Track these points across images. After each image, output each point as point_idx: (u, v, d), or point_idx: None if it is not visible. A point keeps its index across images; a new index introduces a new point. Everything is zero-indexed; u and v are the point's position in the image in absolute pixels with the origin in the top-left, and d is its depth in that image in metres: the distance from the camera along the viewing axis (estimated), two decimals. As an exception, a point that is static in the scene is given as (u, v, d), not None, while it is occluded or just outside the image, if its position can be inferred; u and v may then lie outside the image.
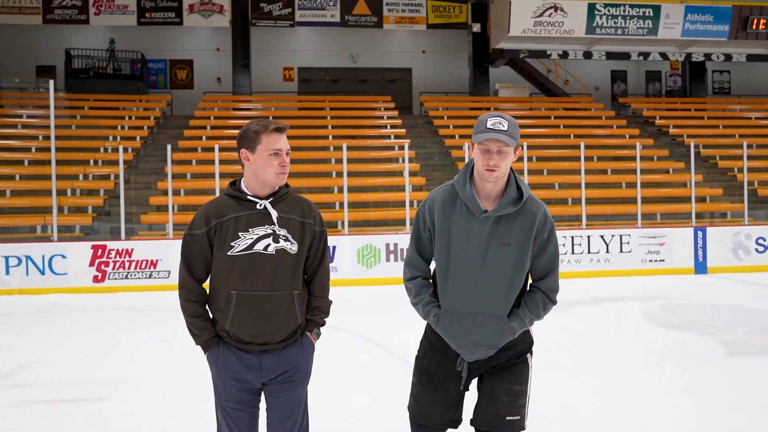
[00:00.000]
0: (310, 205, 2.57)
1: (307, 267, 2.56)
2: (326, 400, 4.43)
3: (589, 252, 11.46)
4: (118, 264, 10.21)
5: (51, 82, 10.68)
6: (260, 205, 2.45)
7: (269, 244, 2.42)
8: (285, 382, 2.48)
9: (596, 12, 17.21)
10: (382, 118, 17.85)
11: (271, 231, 2.43)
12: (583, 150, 12.51)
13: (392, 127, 17.32)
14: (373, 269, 10.93)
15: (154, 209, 12.94)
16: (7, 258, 10.03)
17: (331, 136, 16.30)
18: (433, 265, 2.57)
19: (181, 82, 21.58)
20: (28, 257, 10.08)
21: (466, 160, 10.99)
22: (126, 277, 10.21)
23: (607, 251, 11.50)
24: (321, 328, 2.60)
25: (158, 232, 12.00)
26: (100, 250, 10.21)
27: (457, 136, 16.72)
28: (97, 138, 15.34)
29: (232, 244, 2.40)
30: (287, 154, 2.47)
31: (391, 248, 11.04)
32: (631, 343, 6.25)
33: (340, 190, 12.62)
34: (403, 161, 13.13)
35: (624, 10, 17.40)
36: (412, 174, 13.73)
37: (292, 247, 2.45)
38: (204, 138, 15.85)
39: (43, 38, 19.94)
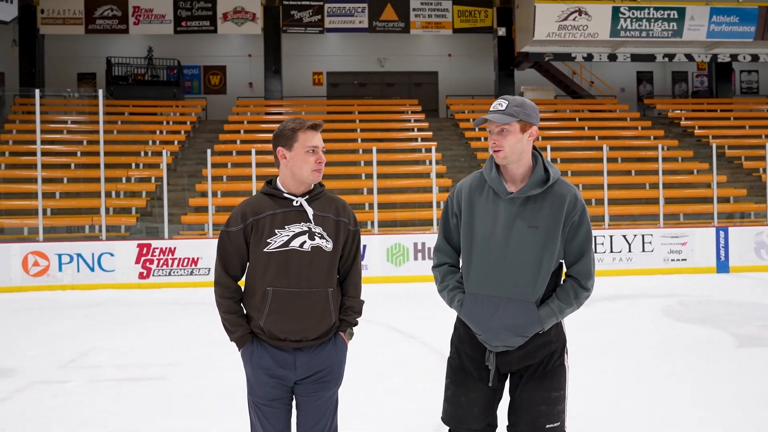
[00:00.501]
0: (344, 204, 2.58)
1: (341, 266, 2.56)
2: (362, 381, 4.92)
3: (611, 251, 11.78)
4: (161, 262, 10.87)
5: (100, 91, 11.36)
6: (296, 202, 2.47)
7: (305, 241, 2.43)
8: (318, 382, 2.48)
9: (620, 15, 17.45)
10: (409, 121, 18.33)
11: (307, 228, 2.44)
12: (606, 152, 12.84)
13: (419, 129, 17.79)
14: (402, 267, 11.42)
15: (193, 210, 13.61)
16: (60, 256, 10.75)
17: (360, 140, 16.84)
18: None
19: (215, 88, 22.33)
20: (79, 255, 10.80)
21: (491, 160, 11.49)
22: (169, 274, 10.86)
23: (630, 251, 11.81)
24: (354, 328, 2.59)
25: (197, 232, 12.64)
26: (145, 249, 10.88)
27: (482, 138, 17.11)
28: (137, 143, 16.11)
29: (268, 240, 2.42)
30: (323, 151, 2.50)
31: (419, 247, 11.52)
32: (644, 334, 6.63)
33: (370, 191, 13.14)
34: (430, 163, 13.59)
35: (648, 13, 17.60)
36: (438, 175, 14.18)
37: (328, 245, 2.46)
38: (238, 142, 16.51)
39: (85, 47, 20.84)
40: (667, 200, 14.39)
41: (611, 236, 11.84)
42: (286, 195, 2.47)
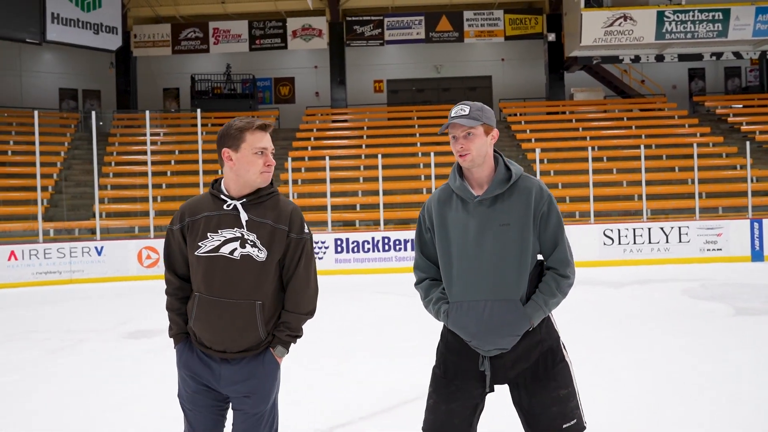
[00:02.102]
0: (290, 211, 2.38)
1: (283, 276, 2.39)
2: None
3: (649, 242, 12.93)
4: (251, 254, 12.76)
5: (198, 111, 13.39)
6: (229, 205, 2.32)
7: (236, 248, 2.28)
8: (243, 397, 2.35)
9: (665, 19, 18.31)
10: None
11: (240, 234, 2.29)
12: (644, 150, 13.99)
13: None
14: (458, 258, 12.93)
15: (273, 210, 15.52)
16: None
17: (419, 143, 18.41)
18: None
19: (285, 97, 24.36)
20: (183, 249, 12.82)
21: (537, 160, 12.83)
22: (258, 265, 12.75)
23: (667, 241, 12.92)
24: (291, 346, 2.41)
25: (279, 229, 14.52)
26: (237, 243, 12.80)
27: (533, 140, 18.39)
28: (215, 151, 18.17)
29: (200, 244, 2.30)
30: (272, 153, 2.37)
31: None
32: (654, 307, 7.93)
33: (429, 191, 14.69)
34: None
35: (693, 15, 18.38)
36: (491, 176, 15.62)
37: (260, 254, 2.29)
38: (309, 148, 18.39)
39: (170, 65, 23.25)
40: (708, 194, 15.34)
41: (649, 228, 12.98)
42: (223, 197, 2.34)
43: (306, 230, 2.41)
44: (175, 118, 21.66)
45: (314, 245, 3.03)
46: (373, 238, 13.02)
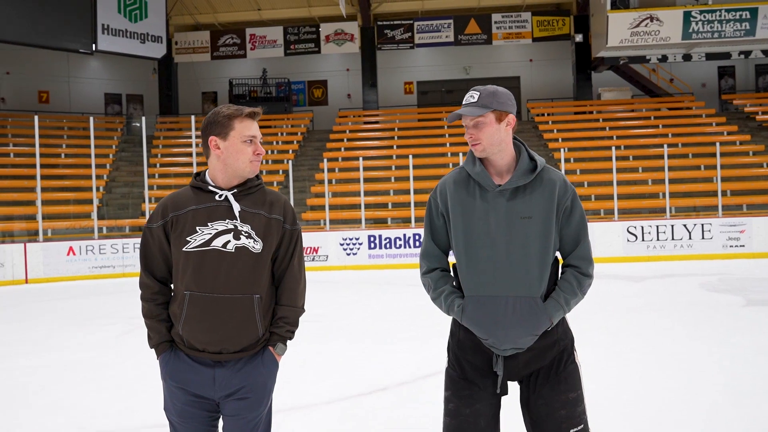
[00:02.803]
0: (282, 200, 2.30)
1: (275, 269, 2.29)
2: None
3: (672, 239, 13.32)
4: (290, 250, 13.56)
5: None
6: (220, 196, 2.20)
7: (229, 241, 2.18)
8: (239, 399, 2.21)
9: (692, 19, 18.55)
10: (492, 125, 20.28)
11: (233, 226, 2.19)
12: (667, 149, 14.36)
13: (501, 133, 19.70)
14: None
15: (309, 208, 16.29)
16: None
17: (448, 143, 19.00)
18: (451, 258, 2.33)
19: (318, 100, 25.17)
20: (226, 245, 13.68)
21: (563, 159, 13.36)
22: (296, 260, 13.54)
23: (690, 238, 13.30)
24: (288, 342, 2.30)
25: (316, 226, 15.28)
26: (276, 240, 13.61)
27: (560, 139, 18.82)
28: (258, 152, 19.05)
29: (188, 239, 2.18)
30: (260, 142, 2.27)
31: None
32: (669, 298, 8.41)
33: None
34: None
35: (720, 15, 18.59)
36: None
37: (256, 246, 2.19)
38: (343, 149, 19.13)
39: (209, 70, 24.25)
40: (733, 192, 15.61)
41: (672, 225, 13.37)
42: (211, 188, 2.22)
43: (298, 222, 2.32)
44: (200, 121, 22.60)
45: (347, 241, 3.36)
46: (404, 235, 13.69)
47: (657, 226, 13.40)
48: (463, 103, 2.24)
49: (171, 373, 2.23)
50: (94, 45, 16.86)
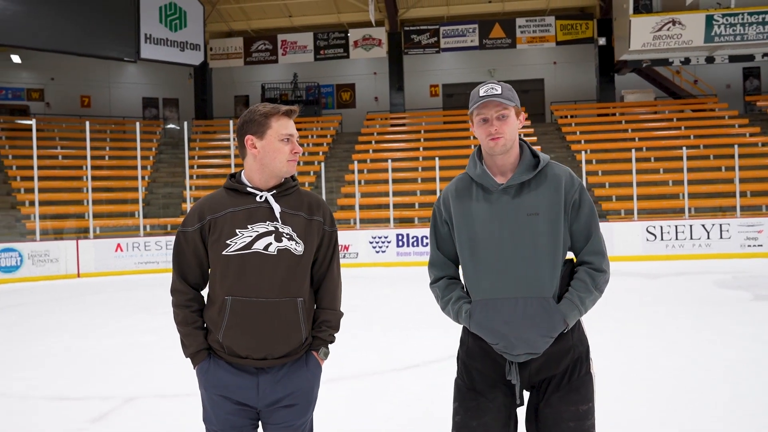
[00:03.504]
0: (319, 201, 2.26)
1: (314, 272, 2.24)
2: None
3: (691, 238, 13.76)
4: (322, 248, 14.32)
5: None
6: (261, 197, 2.16)
7: (270, 243, 2.12)
8: (285, 407, 2.16)
9: (714, 22, 18.86)
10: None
11: (274, 228, 2.13)
12: (686, 151, 14.79)
13: (525, 135, 20.26)
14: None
15: (339, 208, 17.06)
16: (249, 243, 14.54)
17: (473, 146, 19.60)
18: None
19: (346, 102, 25.94)
20: (262, 243, 14.51)
21: (584, 160, 13.90)
22: (328, 257, 14.30)
23: (708, 237, 13.73)
24: (330, 346, 2.27)
25: (346, 225, 16.03)
26: (309, 238, 14.39)
27: (582, 141, 19.29)
28: (290, 154, 19.89)
29: (228, 242, 2.11)
30: (297, 141, 2.21)
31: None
32: (681, 293, 8.94)
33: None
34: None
35: (742, 18, 18.87)
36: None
37: (298, 248, 2.14)
38: (371, 151, 19.86)
39: (241, 75, 25.19)
40: (753, 193, 15.95)
41: (691, 225, 13.82)
42: (249, 189, 2.17)
43: (335, 224, 2.29)
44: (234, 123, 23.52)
45: (377, 240, 3.27)
46: (430, 234, 14.38)
47: (676, 226, 13.86)
48: (484, 94, 2.13)
49: (212, 382, 2.15)
50: (137, 53, 17.81)
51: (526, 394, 2.21)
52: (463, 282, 2.26)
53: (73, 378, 5.46)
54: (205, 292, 2.25)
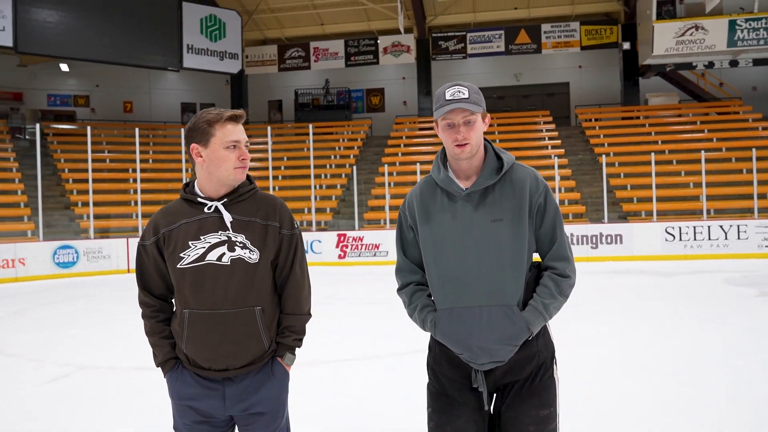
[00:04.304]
0: (276, 205, 2.18)
1: (277, 277, 2.19)
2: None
3: (709, 239, 14.26)
4: (354, 246, 15.15)
5: (310, 126, 15.89)
6: (210, 207, 2.10)
7: (224, 253, 2.07)
8: (255, 414, 2.13)
9: (737, 27, 19.21)
10: (541, 131, 21.44)
11: (226, 237, 2.08)
12: (704, 154, 15.28)
13: (549, 138, 20.86)
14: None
15: (370, 209, 17.90)
16: (285, 242, 15.47)
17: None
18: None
19: (375, 106, 26.77)
20: (297, 242, 15.43)
21: (604, 163, 14.51)
22: (359, 255, 15.12)
23: (726, 238, 14.20)
24: (297, 350, 2.22)
25: (376, 225, 16.87)
26: (342, 237, 15.24)
27: (606, 144, 19.81)
28: (322, 157, 20.79)
29: (181, 255, 2.07)
30: (246, 146, 2.12)
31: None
32: (690, 290, 9.53)
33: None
34: (558, 168, 16.79)
35: (765, 23, 19.17)
36: (564, 178, 17.31)
37: (252, 255, 2.09)
38: (400, 154, 20.67)
39: (275, 81, 26.20)
40: (773, 195, 16.33)
41: (709, 226, 14.31)
42: (200, 199, 2.13)
43: (296, 225, 2.22)
44: (278, 127, 24.52)
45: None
46: (456, 234, 15.15)
47: (694, 227, 14.37)
48: (450, 98, 2.07)
49: (179, 392, 2.15)
50: (180, 63, 18.92)
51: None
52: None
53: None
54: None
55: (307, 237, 15.49)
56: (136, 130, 15.69)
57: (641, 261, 14.04)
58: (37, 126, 16.20)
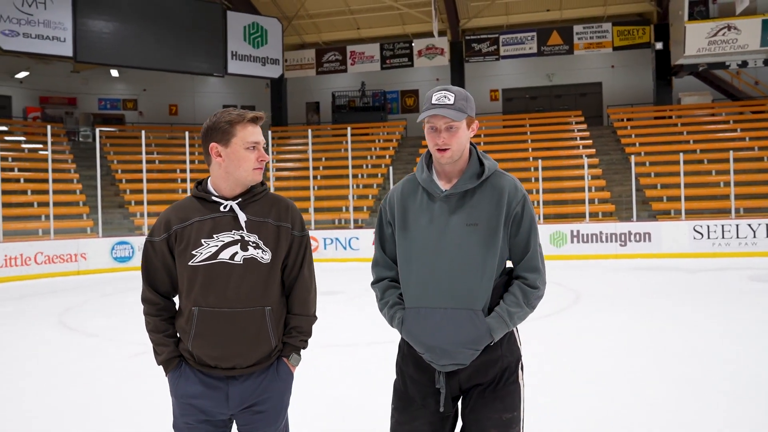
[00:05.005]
0: (288, 206, 2.22)
1: (285, 278, 2.22)
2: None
3: (737, 237, 14.57)
4: (390, 243, 15.89)
5: (349, 128, 16.67)
6: (225, 206, 2.13)
7: (236, 252, 2.10)
8: (255, 414, 2.17)
9: (770, 26, 19.30)
10: (573, 131, 21.84)
11: (239, 237, 2.11)
12: (732, 154, 15.55)
13: (581, 138, 21.25)
14: (562, 248, 15.29)
15: (404, 208, 18.60)
16: (324, 239, 16.26)
17: (530, 149, 20.76)
18: None
19: (409, 108, 27.45)
20: (336, 239, 16.21)
21: (633, 163, 14.97)
22: (395, 252, 15.86)
23: (755, 236, 14.49)
24: (302, 352, 2.25)
25: (410, 223, 17.57)
26: (378, 234, 15.99)
27: (637, 144, 20.13)
28: (358, 157, 21.57)
29: (194, 252, 2.10)
30: (264, 147, 2.17)
31: (575, 233, 15.30)
32: (710, 285, 9.97)
33: (538, 191, 17.15)
34: (588, 167, 17.24)
35: (800, 22, 19.23)
36: (594, 177, 17.74)
37: (264, 256, 2.13)
38: (433, 154, 21.32)
39: (313, 83, 27.11)
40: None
41: (737, 225, 14.62)
42: (215, 198, 2.15)
43: (305, 228, 2.27)
44: (317, 129, 25.41)
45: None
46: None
47: (722, 226, 14.69)
48: (435, 102, 2.09)
49: (182, 391, 2.17)
50: (225, 69, 19.95)
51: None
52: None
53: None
54: (177, 299, 2.26)
55: (345, 234, 16.29)
56: (186, 133, 16.68)
57: (669, 258, 14.44)
58: (97, 131, 17.32)
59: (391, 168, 18.56)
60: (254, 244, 2.12)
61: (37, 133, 21.62)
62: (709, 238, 14.67)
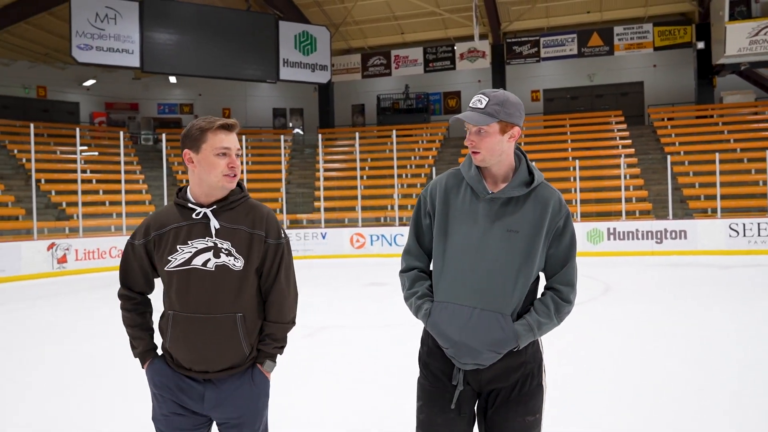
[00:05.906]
0: (264, 214, 2.24)
1: (262, 285, 2.25)
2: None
3: (758, 235, 14.92)
4: (433, 240, 16.77)
5: (394, 130, 17.60)
6: (198, 213, 2.18)
7: (209, 259, 2.15)
8: (229, 419, 2.22)
9: (813, 25, 19.38)
10: (612, 131, 22.27)
11: (212, 243, 2.15)
12: (770, 155, 15.81)
13: (621, 138, 21.67)
14: (598, 245, 15.89)
15: (447, 206, 19.43)
16: (371, 236, 17.25)
17: (570, 149, 21.30)
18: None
19: (452, 109, 28.21)
20: (382, 236, 17.18)
21: (669, 162, 15.49)
22: (438, 248, 16.73)
23: (788, 234, 14.84)
24: (278, 358, 2.27)
25: (452, 221, 18.40)
26: (422, 232, 16.89)
27: (677, 143, 20.46)
28: (402, 158, 22.49)
29: (169, 258, 2.17)
30: (237, 155, 2.18)
31: (611, 231, 15.88)
32: (738, 279, 10.50)
33: (575, 191, 17.75)
34: (627, 167, 17.76)
35: (844, 20, 19.25)
36: (633, 177, 18.23)
37: (236, 263, 2.15)
38: (475, 155, 22.08)
39: (358, 86, 28.16)
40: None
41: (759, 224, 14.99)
42: (190, 205, 2.20)
43: (283, 235, 2.27)
44: (363, 131, 26.45)
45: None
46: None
47: (758, 224, 15.05)
48: (470, 105, 2.15)
49: (159, 383, 2.22)
50: (277, 75, 21.18)
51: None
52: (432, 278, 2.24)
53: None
54: (152, 296, 2.33)
55: (390, 231, 17.24)
56: (243, 137, 17.87)
57: (704, 255, 14.89)
58: (163, 136, 18.71)
59: (434, 168, 19.40)
60: (226, 251, 2.16)
61: (102, 137, 23.31)
62: (744, 235, 15.06)
